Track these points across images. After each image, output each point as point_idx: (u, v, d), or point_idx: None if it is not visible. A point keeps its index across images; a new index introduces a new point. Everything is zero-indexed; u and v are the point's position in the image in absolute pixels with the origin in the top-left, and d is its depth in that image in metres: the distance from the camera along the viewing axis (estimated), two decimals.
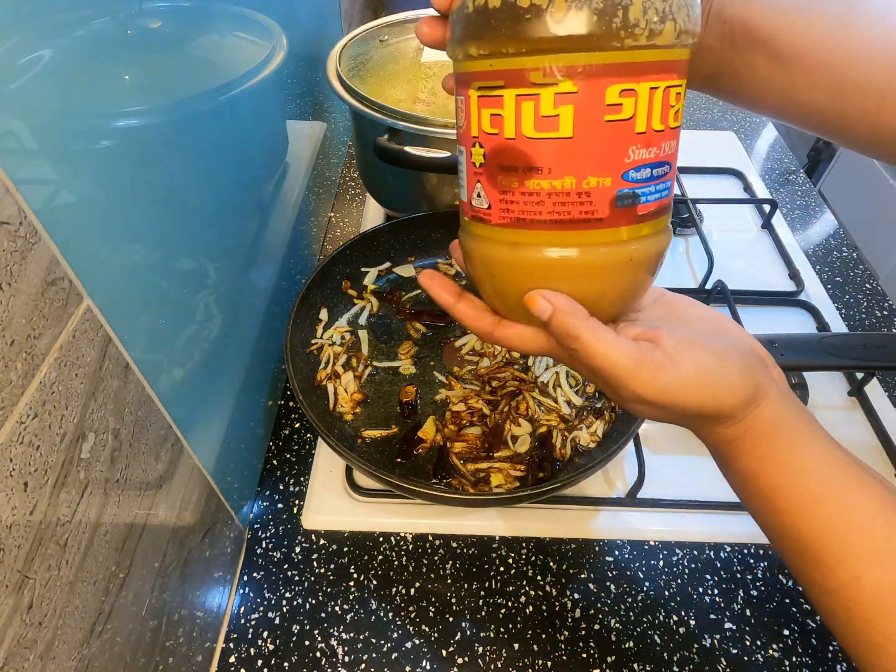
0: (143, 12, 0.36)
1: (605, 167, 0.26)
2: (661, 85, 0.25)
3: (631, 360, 0.27)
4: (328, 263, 0.62)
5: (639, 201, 0.27)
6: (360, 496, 0.53)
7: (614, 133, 0.25)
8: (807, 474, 0.28)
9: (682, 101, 0.27)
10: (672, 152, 0.27)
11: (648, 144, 0.26)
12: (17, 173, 0.23)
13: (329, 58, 0.69)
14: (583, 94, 0.25)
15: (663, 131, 0.26)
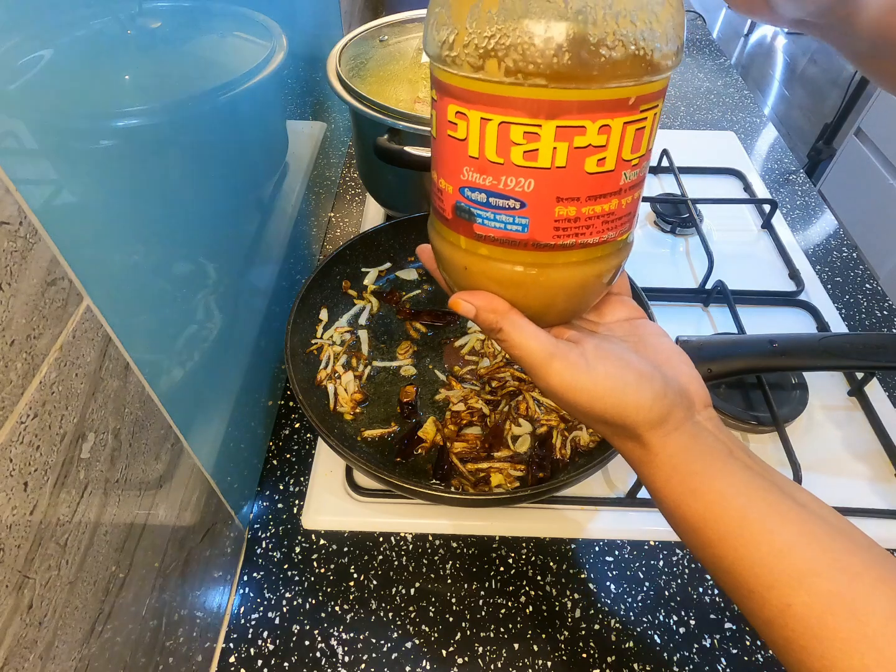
0: (143, 12, 0.36)
1: (449, 175, 0.28)
2: (496, 118, 0.25)
3: (545, 351, 0.29)
4: (328, 263, 0.62)
5: (475, 220, 0.28)
6: (360, 496, 0.53)
7: (453, 148, 0.27)
8: (726, 503, 0.28)
9: (546, 144, 0.25)
10: (525, 191, 0.26)
11: (482, 171, 0.27)
12: (17, 173, 0.23)
13: (329, 58, 0.69)
14: (439, 105, 0.27)
15: (502, 165, 0.26)
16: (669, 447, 0.30)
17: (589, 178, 0.26)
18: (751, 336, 0.59)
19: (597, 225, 0.28)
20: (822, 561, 0.26)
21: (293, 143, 0.68)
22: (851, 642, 0.24)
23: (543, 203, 0.27)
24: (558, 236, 0.28)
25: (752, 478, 0.28)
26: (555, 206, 0.27)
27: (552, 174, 0.26)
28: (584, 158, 0.26)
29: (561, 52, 0.23)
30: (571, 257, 0.29)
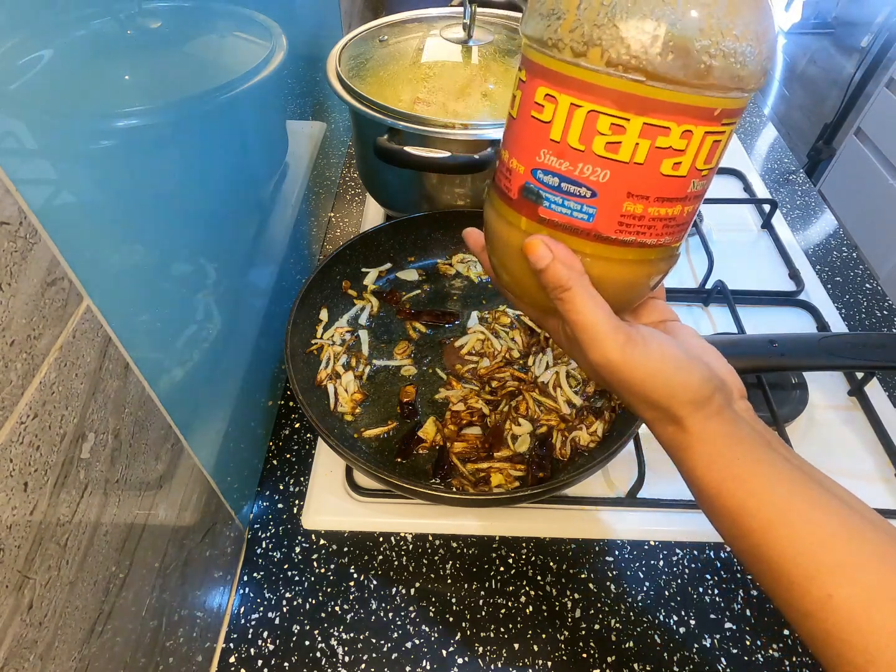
0: (143, 12, 0.36)
1: (523, 155, 0.29)
2: (586, 106, 0.26)
3: (609, 323, 0.29)
4: (328, 263, 0.62)
5: (541, 202, 0.29)
6: (360, 496, 0.53)
7: (534, 129, 0.28)
8: (769, 491, 0.28)
9: (630, 138, 0.26)
10: (598, 181, 0.27)
11: (561, 155, 0.27)
12: (17, 173, 0.23)
13: (329, 58, 0.69)
14: (527, 86, 0.28)
15: (582, 152, 0.26)
16: (710, 431, 0.30)
17: (662, 179, 0.27)
18: (751, 336, 0.59)
19: (658, 227, 0.28)
20: (865, 553, 0.26)
21: (293, 143, 0.68)
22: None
23: (614, 196, 0.27)
24: (621, 231, 0.28)
25: (791, 469, 0.29)
26: (624, 200, 0.27)
27: (629, 169, 0.26)
28: (661, 159, 0.26)
29: (665, 52, 0.24)
30: (627, 254, 0.29)
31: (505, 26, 0.73)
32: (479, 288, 0.68)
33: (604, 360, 0.29)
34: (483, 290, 0.67)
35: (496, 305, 0.65)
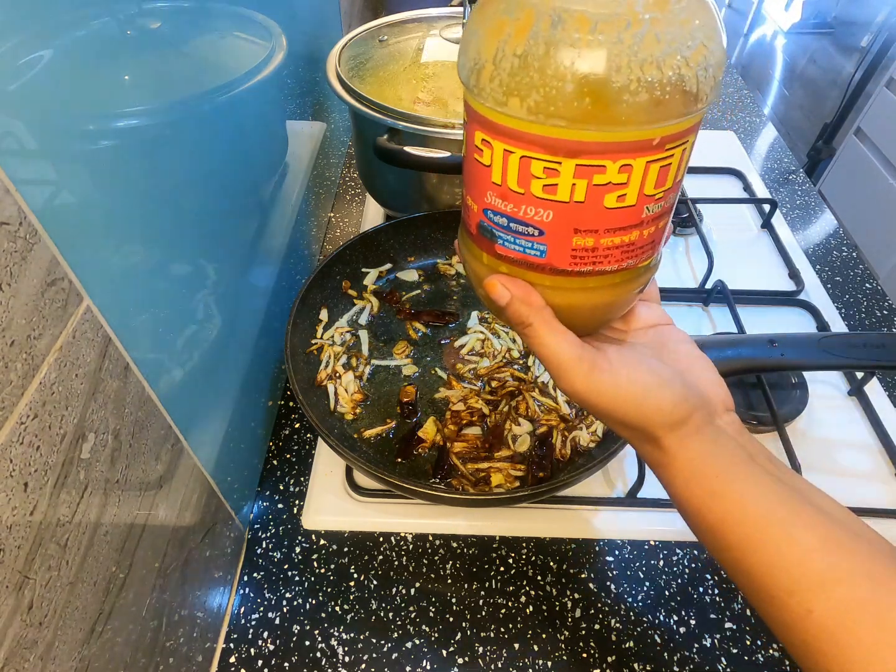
0: (143, 12, 0.36)
1: (474, 194, 0.29)
2: (517, 151, 0.25)
3: (572, 353, 0.29)
4: (328, 263, 0.62)
5: (496, 241, 0.29)
6: (360, 496, 0.53)
7: (478, 171, 0.28)
8: (746, 506, 0.28)
9: (565, 179, 0.25)
10: (543, 220, 0.27)
11: (504, 198, 0.27)
12: (17, 173, 0.23)
13: (329, 58, 0.69)
14: (468, 128, 0.28)
15: (522, 195, 0.26)
16: (689, 450, 0.30)
17: (608, 213, 0.26)
18: (751, 336, 0.59)
19: (616, 254, 0.28)
20: (845, 567, 0.26)
21: (293, 143, 0.68)
22: (876, 650, 0.24)
23: (561, 233, 0.27)
24: (575, 263, 0.28)
25: (772, 482, 0.28)
26: (572, 236, 0.27)
27: (570, 207, 0.26)
28: (603, 195, 0.26)
29: (582, 96, 0.23)
30: (588, 283, 0.29)
31: None
32: None
33: (571, 389, 0.30)
34: None
35: None
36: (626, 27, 0.22)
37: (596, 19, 0.22)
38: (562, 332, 0.30)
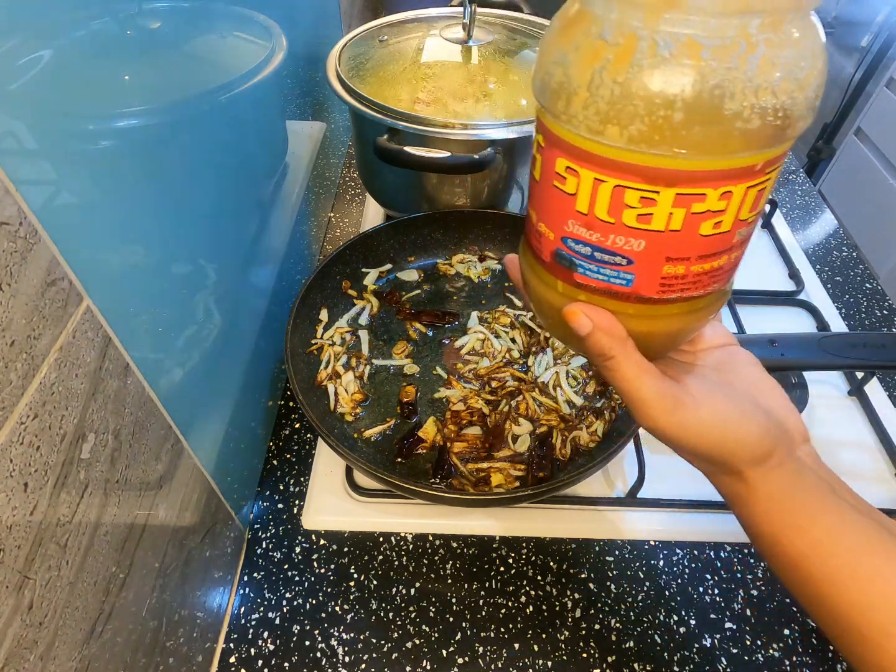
0: (143, 12, 0.36)
1: (551, 222, 0.28)
2: (610, 181, 0.24)
3: (655, 390, 0.28)
4: (328, 263, 0.62)
5: (576, 269, 0.28)
6: (360, 496, 0.53)
7: (559, 199, 0.26)
8: (833, 541, 0.27)
9: (662, 209, 0.24)
10: (634, 250, 0.26)
11: (590, 227, 0.26)
12: (17, 173, 0.23)
13: (329, 58, 0.69)
14: (545, 153, 0.27)
15: (612, 224, 0.25)
16: (770, 483, 0.29)
17: (702, 240, 0.25)
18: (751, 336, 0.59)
19: (704, 280, 0.27)
20: None
21: (293, 143, 0.68)
22: None
23: (652, 262, 0.26)
24: (663, 291, 0.27)
25: (858, 517, 0.28)
26: (664, 265, 0.26)
27: (665, 237, 0.25)
28: (700, 223, 0.25)
29: (691, 125, 0.22)
30: (673, 310, 0.28)
31: (505, 26, 0.74)
32: (479, 288, 0.68)
33: (652, 425, 0.29)
34: (483, 290, 0.67)
35: (496, 305, 0.65)
36: (739, 51, 0.21)
37: (707, 43, 0.21)
38: (644, 367, 0.28)
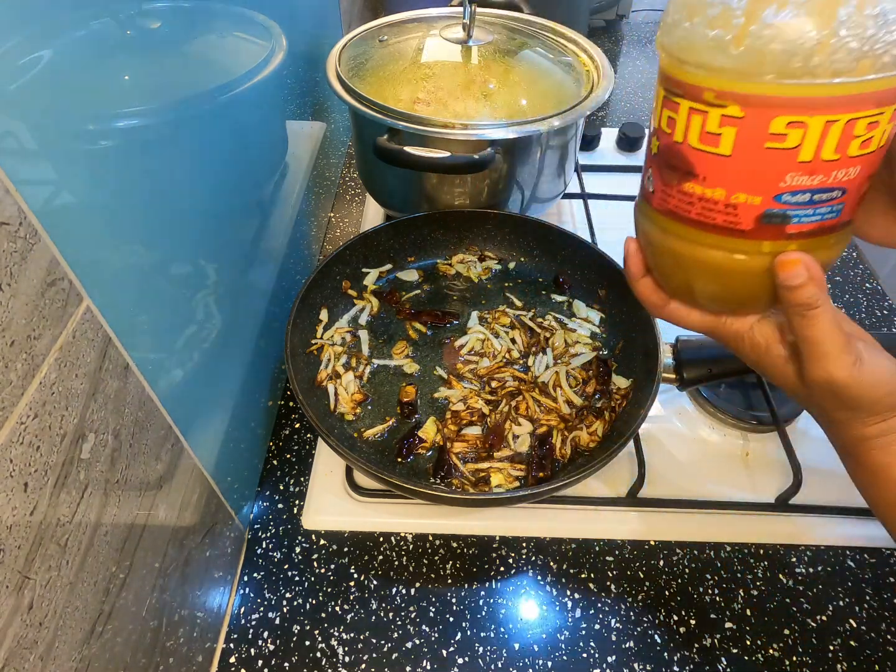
0: (143, 12, 0.36)
1: (756, 187, 0.28)
2: (843, 118, 0.26)
3: (844, 342, 0.30)
4: (328, 263, 0.62)
5: (789, 221, 0.29)
6: (360, 496, 0.53)
7: (773, 159, 0.27)
8: None
9: (882, 128, 0.26)
10: (850, 178, 0.28)
11: (813, 172, 0.27)
12: (17, 173, 0.23)
13: (329, 58, 0.69)
14: (748, 121, 0.27)
15: (837, 160, 0.27)
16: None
17: (880, 153, 0.28)
18: None
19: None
20: None
21: (293, 143, 0.68)
22: None
23: (860, 184, 0.28)
24: (855, 211, 0.30)
25: None
26: (866, 184, 0.29)
27: (875, 155, 0.27)
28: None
29: None
30: (849, 232, 0.31)
31: (505, 26, 0.73)
32: (479, 288, 0.68)
33: (826, 376, 0.31)
34: (483, 290, 0.67)
35: (496, 305, 0.65)
36: None
37: None
38: (838, 319, 0.30)
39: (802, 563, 0.51)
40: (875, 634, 0.47)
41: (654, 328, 0.55)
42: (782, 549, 0.52)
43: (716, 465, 0.56)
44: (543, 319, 0.63)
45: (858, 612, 0.48)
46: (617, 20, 1.36)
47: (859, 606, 0.49)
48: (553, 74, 0.68)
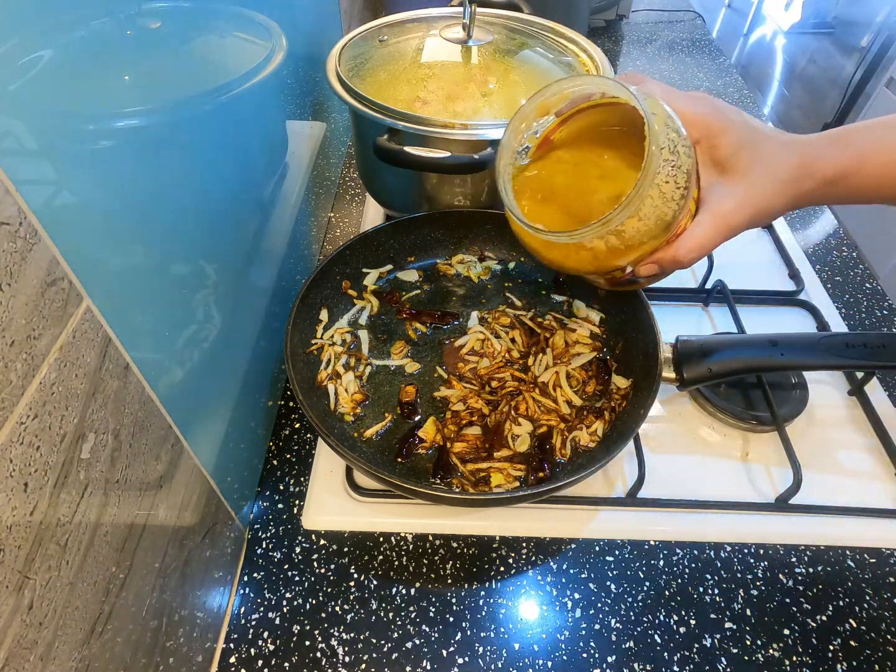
0: (142, 12, 0.36)
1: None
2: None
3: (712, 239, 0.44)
4: (328, 263, 0.62)
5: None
6: (360, 496, 0.53)
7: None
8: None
9: None
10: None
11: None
12: (17, 173, 0.23)
13: (329, 58, 0.69)
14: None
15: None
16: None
17: None
18: (751, 336, 0.59)
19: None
20: None
21: (293, 143, 0.68)
22: None
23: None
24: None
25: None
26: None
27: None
28: None
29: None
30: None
31: (505, 26, 0.74)
32: (479, 288, 0.68)
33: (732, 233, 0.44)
34: (483, 290, 0.67)
35: (496, 305, 0.65)
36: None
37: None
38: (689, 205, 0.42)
39: (802, 563, 0.51)
40: (875, 634, 0.47)
41: (654, 328, 0.55)
42: (782, 549, 0.52)
43: (716, 465, 0.56)
44: (543, 319, 0.63)
45: (858, 612, 0.48)
46: (617, 20, 1.36)
47: (859, 606, 0.49)
48: (553, 74, 0.68)
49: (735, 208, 0.41)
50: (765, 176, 0.41)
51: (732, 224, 0.42)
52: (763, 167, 0.41)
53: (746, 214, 0.41)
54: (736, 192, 0.41)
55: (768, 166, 0.41)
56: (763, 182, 0.41)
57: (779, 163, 0.41)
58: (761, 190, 0.41)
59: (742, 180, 0.42)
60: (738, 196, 0.41)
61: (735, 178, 0.42)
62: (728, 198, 0.42)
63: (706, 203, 0.43)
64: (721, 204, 0.42)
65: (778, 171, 0.41)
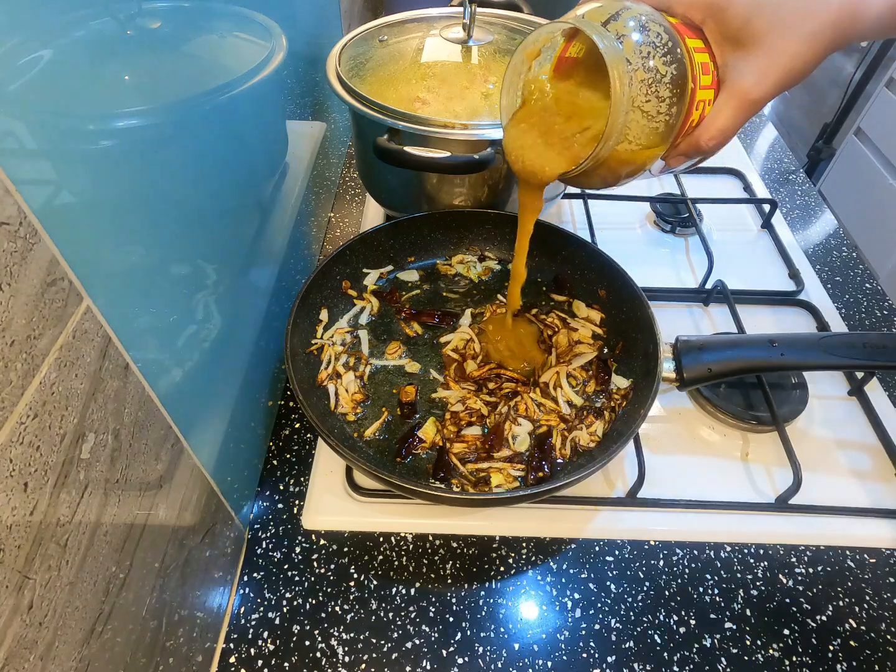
0: (142, 12, 0.36)
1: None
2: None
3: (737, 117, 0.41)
4: (328, 264, 0.62)
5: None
6: (360, 496, 0.53)
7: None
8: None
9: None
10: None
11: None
12: (17, 173, 0.23)
13: (329, 58, 0.69)
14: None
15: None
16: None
17: None
18: (751, 336, 0.59)
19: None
20: None
21: (293, 143, 0.68)
22: None
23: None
24: None
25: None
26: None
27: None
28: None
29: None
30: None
31: (505, 26, 0.74)
32: (479, 288, 0.68)
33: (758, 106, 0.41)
34: (483, 290, 0.67)
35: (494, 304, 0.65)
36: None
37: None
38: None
39: (802, 563, 0.51)
40: (875, 634, 0.47)
41: (654, 328, 0.55)
42: (782, 549, 0.52)
43: (716, 465, 0.56)
44: (547, 317, 0.64)
45: (858, 612, 0.48)
46: None
47: (859, 606, 0.49)
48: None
49: (756, 81, 0.39)
50: (785, 35, 0.39)
51: (755, 98, 0.40)
52: (781, 27, 0.39)
53: (770, 83, 0.39)
54: (754, 63, 0.39)
55: (788, 24, 0.39)
56: (784, 42, 0.39)
57: (805, 13, 0.39)
58: (783, 50, 0.39)
59: (759, 48, 0.39)
60: (758, 66, 0.39)
61: (751, 48, 0.40)
62: (746, 72, 0.40)
63: (725, 83, 0.41)
64: (740, 81, 0.40)
65: (804, 24, 0.39)
